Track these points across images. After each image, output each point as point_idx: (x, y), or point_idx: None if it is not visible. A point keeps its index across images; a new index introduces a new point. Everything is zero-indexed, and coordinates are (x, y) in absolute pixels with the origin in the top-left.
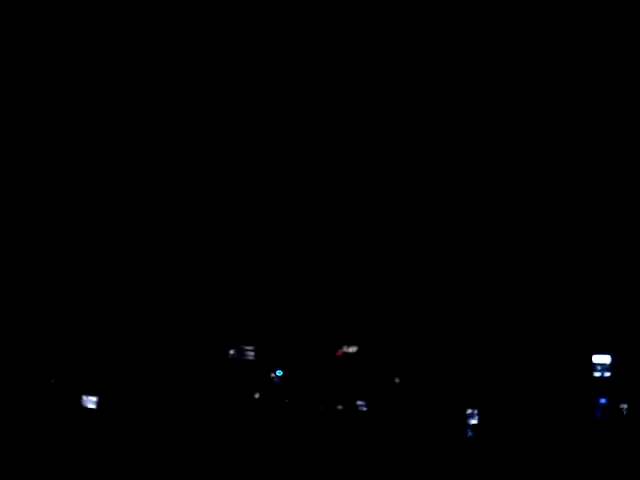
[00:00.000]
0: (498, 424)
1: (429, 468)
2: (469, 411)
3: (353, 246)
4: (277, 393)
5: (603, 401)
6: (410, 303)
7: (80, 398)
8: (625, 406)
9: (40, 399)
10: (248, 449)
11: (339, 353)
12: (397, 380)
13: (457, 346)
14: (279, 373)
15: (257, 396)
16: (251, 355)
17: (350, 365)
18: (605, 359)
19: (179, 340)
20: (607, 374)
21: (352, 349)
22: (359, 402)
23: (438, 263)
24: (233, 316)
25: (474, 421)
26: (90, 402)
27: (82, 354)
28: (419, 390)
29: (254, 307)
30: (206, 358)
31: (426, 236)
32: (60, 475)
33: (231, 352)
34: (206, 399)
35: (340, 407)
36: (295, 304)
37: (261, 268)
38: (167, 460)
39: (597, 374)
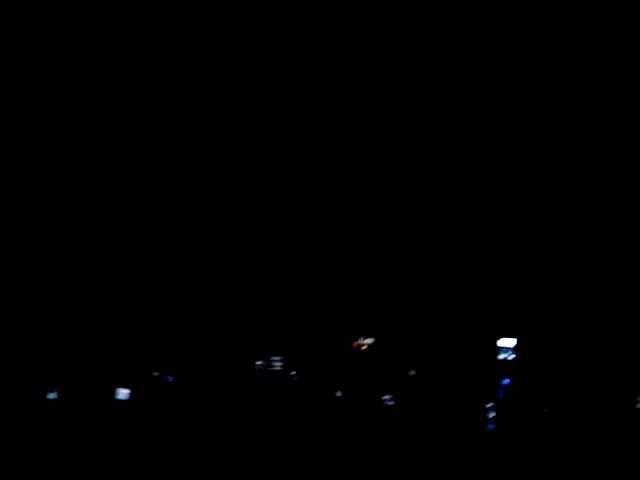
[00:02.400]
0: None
1: (447, 462)
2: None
3: (368, 240)
4: (293, 389)
5: (506, 381)
6: (423, 296)
7: (114, 391)
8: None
9: (75, 391)
10: (267, 444)
11: (355, 345)
12: (412, 373)
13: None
14: None
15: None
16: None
17: (366, 357)
18: (510, 342)
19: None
20: (511, 357)
21: (368, 341)
22: (385, 397)
23: (444, 259)
24: (248, 318)
25: (493, 414)
26: (123, 394)
27: (115, 356)
28: (436, 383)
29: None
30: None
31: (434, 232)
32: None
33: (258, 363)
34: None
35: (359, 400)
36: (310, 300)
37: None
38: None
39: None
